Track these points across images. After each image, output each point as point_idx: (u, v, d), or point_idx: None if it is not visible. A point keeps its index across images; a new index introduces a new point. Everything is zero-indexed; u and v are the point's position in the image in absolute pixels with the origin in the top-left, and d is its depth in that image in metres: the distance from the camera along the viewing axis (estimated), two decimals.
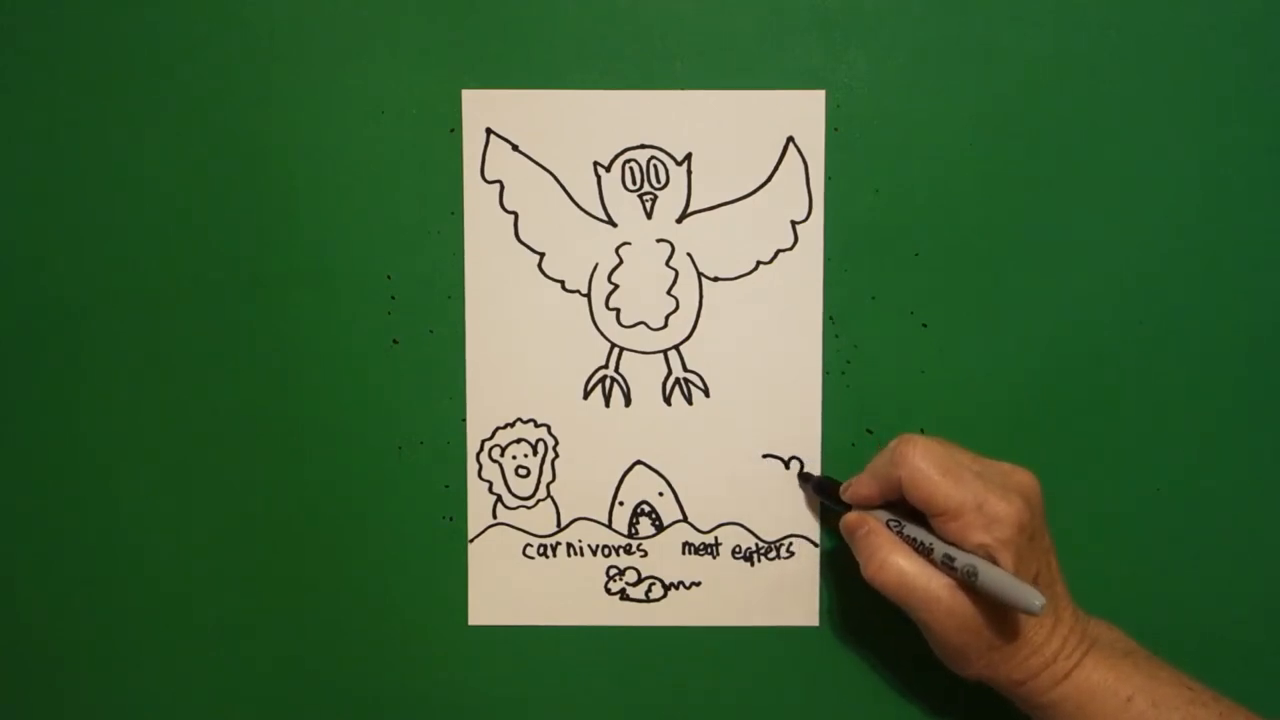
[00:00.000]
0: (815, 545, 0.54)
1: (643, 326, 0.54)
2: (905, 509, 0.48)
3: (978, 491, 0.45)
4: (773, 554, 0.54)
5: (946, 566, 0.45)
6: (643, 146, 0.53)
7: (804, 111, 0.52)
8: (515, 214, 0.53)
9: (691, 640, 0.54)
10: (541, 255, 0.53)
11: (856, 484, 0.49)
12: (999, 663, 0.45)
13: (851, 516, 0.49)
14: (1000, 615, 0.45)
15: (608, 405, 0.54)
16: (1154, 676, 0.45)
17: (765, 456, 0.54)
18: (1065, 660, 0.45)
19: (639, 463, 0.54)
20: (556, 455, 0.54)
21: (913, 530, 0.47)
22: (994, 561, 0.44)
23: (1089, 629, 0.47)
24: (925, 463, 0.45)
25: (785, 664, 0.54)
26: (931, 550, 0.45)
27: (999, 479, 0.46)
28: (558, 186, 0.53)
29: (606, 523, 0.54)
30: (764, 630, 0.54)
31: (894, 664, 0.54)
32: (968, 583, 0.44)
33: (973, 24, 0.52)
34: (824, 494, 0.52)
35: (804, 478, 0.53)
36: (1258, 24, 0.52)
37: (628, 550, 0.54)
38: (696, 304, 0.53)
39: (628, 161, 0.53)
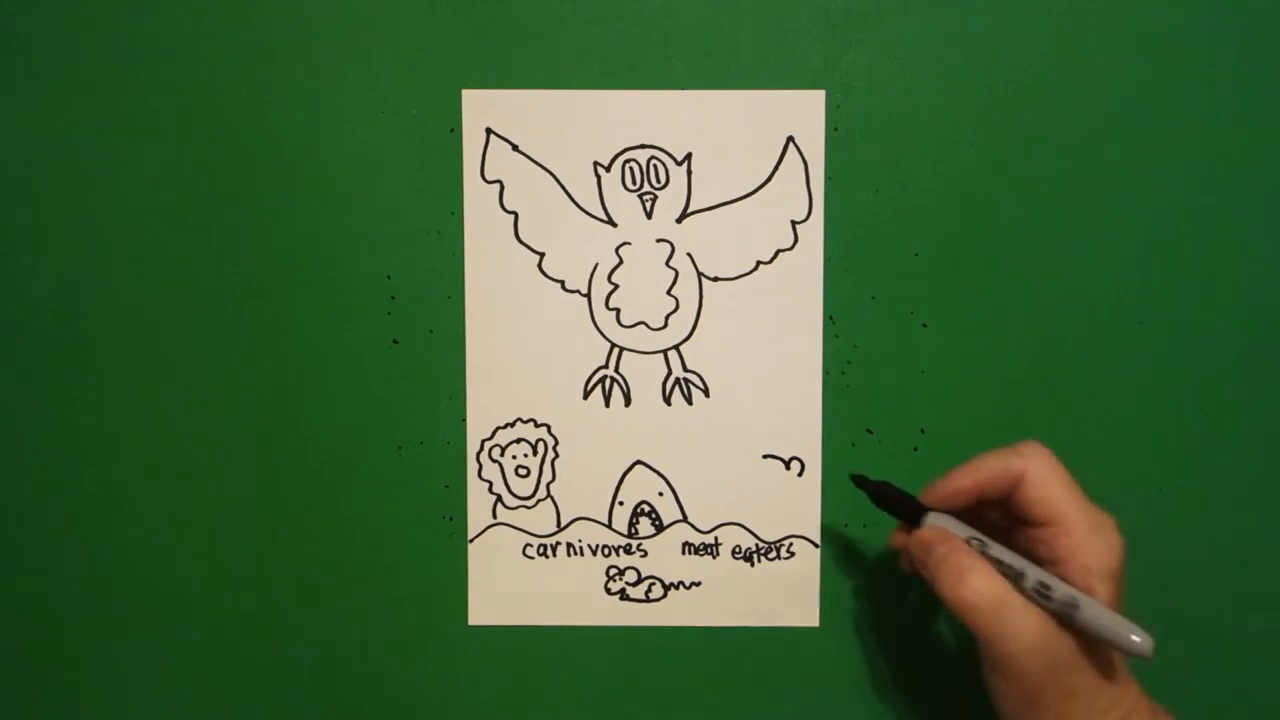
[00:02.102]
0: (815, 545, 0.54)
1: (643, 326, 0.54)
2: (983, 526, 0.44)
3: (1095, 513, 0.41)
4: (773, 554, 0.54)
5: (1040, 595, 0.40)
6: (643, 146, 0.53)
7: (804, 111, 0.52)
8: (515, 214, 0.53)
9: (691, 640, 0.54)
10: (541, 255, 0.53)
11: (954, 476, 0.44)
12: (1069, 714, 0.40)
13: (929, 532, 0.44)
14: (1089, 661, 0.40)
15: (608, 405, 0.54)
16: None
17: (765, 456, 0.54)
18: None
19: (639, 463, 0.54)
20: (556, 455, 0.54)
21: (999, 552, 0.42)
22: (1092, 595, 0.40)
23: (1155, 706, 0.43)
24: (1052, 466, 0.42)
25: (785, 664, 0.54)
26: (1022, 576, 0.41)
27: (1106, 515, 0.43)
28: (558, 186, 0.53)
29: (606, 523, 0.54)
30: (764, 630, 0.54)
31: (894, 664, 0.54)
32: (1064, 616, 0.40)
33: (973, 24, 0.52)
34: (887, 502, 0.47)
35: (857, 480, 0.49)
36: (1258, 24, 0.52)
37: (628, 550, 0.54)
38: (696, 304, 0.53)
39: (628, 161, 0.53)
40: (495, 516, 0.54)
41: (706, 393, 0.54)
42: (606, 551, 0.54)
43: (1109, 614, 0.39)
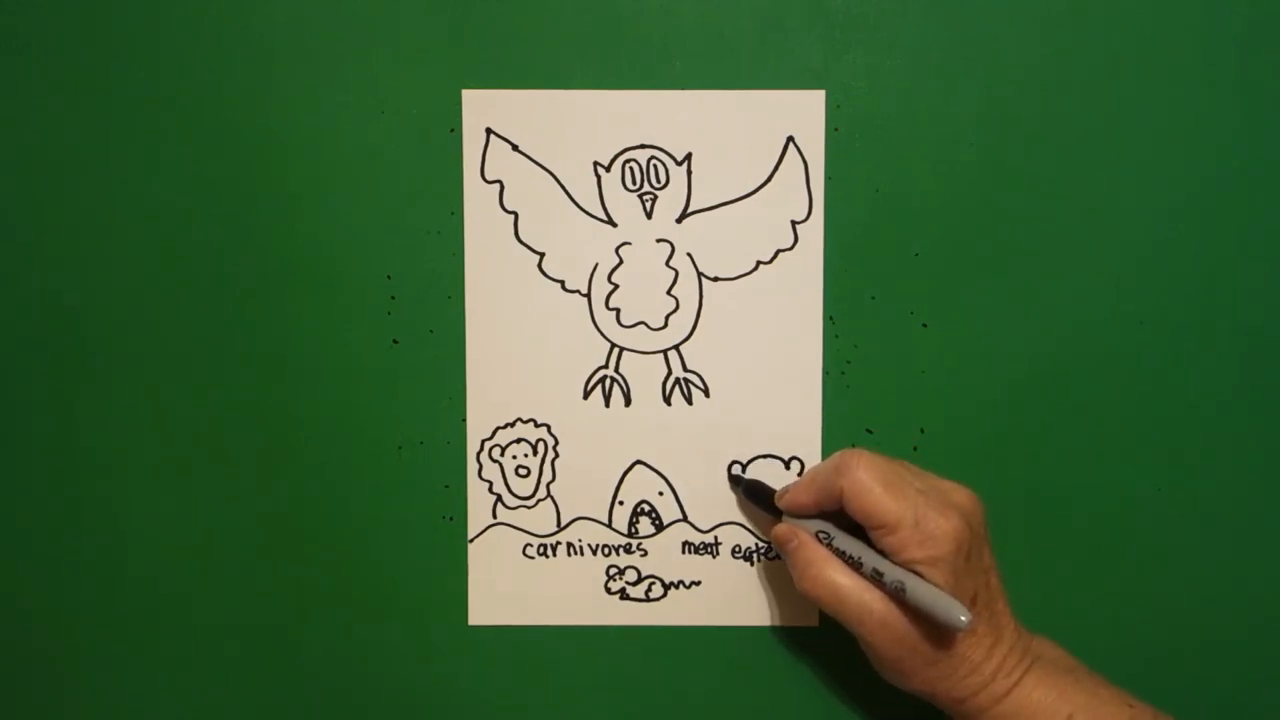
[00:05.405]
0: None
1: (643, 326, 0.54)
2: (839, 520, 0.47)
3: (917, 507, 0.44)
4: (773, 554, 0.54)
5: (876, 580, 0.45)
6: (643, 146, 0.53)
7: (804, 111, 0.52)
8: (515, 214, 0.53)
9: (691, 640, 0.54)
10: (541, 255, 0.53)
11: (794, 492, 0.49)
12: (937, 680, 0.45)
13: (782, 529, 0.49)
14: (935, 632, 0.45)
15: (608, 405, 0.54)
16: (1095, 694, 0.45)
17: (765, 456, 0.54)
18: (1005, 679, 0.45)
19: (639, 462, 0.54)
20: (556, 455, 0.54)
21: (843, 543, 0.47)
22: (924, 578, 0.44)
23: (1031, 647, 0.46)
24: (868, 475, 0.45)
25: (785, 664, 0.54)
26: (861, 564, 0.45)
27: (940, 496, 0.46)
28: (558, 186, 0.53)
29: (606, 522, 0.54)
30: (764, 630, 0.54)
31: None
32: (897, 597, 0.44)
33: (973, 24, 0.52)
34: (756, 499, 0.52)
35: (734, 480, 0.53)
36: (1258, 24, 0.52)
37: (628, 550, 0.54)
38: (696, 304, 0.53)
39: (628, 161, 0.53)
40: (495, 516, 0.54)
41: (706, 393, 0.54)
42: (606, 551, 0.54)
43: (933, 593, 0.43)
